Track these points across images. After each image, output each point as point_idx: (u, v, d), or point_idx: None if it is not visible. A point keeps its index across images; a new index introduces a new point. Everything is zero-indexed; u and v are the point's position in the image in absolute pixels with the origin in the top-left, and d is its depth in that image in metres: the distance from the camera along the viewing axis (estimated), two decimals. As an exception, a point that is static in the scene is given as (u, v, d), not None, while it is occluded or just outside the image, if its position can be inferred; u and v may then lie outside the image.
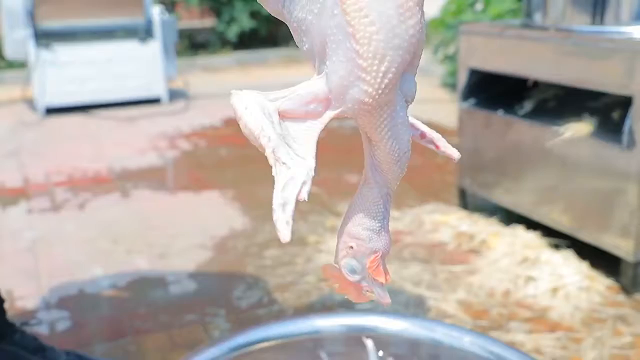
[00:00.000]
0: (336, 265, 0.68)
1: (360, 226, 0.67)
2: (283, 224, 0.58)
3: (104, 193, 2.81)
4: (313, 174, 0.61)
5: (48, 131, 3.97)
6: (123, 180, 2.98)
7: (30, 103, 4.59)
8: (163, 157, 3.37)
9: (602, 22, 1.89)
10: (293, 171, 0.60)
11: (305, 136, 0.63)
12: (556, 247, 2.02)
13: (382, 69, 0.60)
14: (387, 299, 0.67)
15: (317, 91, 0.63)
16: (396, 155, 0.65)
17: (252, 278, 1.97)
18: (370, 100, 0.61)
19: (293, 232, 0.57)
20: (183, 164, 3.29)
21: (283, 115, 0.63)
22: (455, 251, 2.11)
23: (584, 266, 1.90)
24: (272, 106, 0.63)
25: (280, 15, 0.63)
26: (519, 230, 2.13)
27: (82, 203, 2.69)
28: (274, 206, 0.59)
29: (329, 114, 0.63)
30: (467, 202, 2.41)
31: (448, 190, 2.62)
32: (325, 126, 0.63)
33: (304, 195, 0.60)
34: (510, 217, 2.25)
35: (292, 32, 0.64)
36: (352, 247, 0.67)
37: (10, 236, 2.37)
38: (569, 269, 1.89)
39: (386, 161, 0.65)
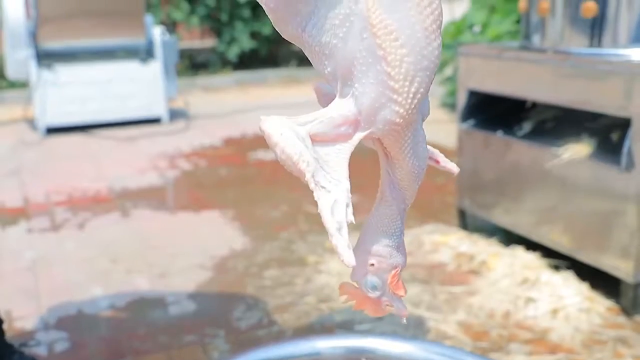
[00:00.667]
0: (353, 283, 0.69)
1: (380, 244, 0.68)
2: (345, 248, 0.59)
3: (104, 212, 2.81)
4: (350, 195, 0.61)
5: (48, 151, 3.98)
6: (123, 200, 2.98)
7: (31, 123, 4.60)
8: (163, 176, 3.38)
9: (599, 45, 1.91)
10: (334, 194, 0.61)
11: (337, 159, 0.63)
12: (556, 268, 2.02)
13: (413, 89, 0.62)
14: (405, 311, 0.68)
15: (347, 113, 0.64)
16: (416, 172, 0.67)
17: (252, 299, 1.97)
18: (401, 120, 0.63)
19: (292, 252, 0.58)
20: (183, 184, 3.30)
21: (313, 139, 0.64)
22: (455, 272, 2.11)
23: (584, 287, 1.90)
24: (304, 130, 0.63)
25: (298, 39, 0.64)
26: (519, 251, 2.13)
27: (82, 223, 2.69)
28: (330, 231, 0.60)
29: (359, 136, 0.64)
30: (466, 222, 2.41)
31: (448, 211, 2.62)
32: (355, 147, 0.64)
33: (350, 217, 0.60)
34: (509, 238, 2.25)
35: (310, 56, 0.65)
36: (373, 265, 0.68)
37: (10, 256, 2.37)
38: (569, 290, 1.89)
39: (407, 178, 0.67)
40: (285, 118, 0.64)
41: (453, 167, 0.73)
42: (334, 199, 0.61)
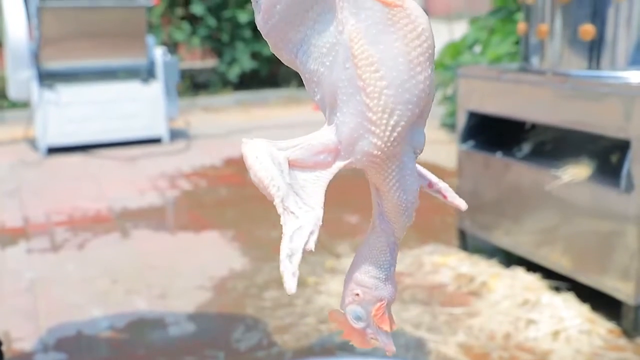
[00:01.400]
0: (342, 311, 0.69)
1: (367, 274, 0.68)
2: (289, 276, 0.59)
3: (104, 233, 2.81)
4: (321, 223, 0.61)
5: (49, 171, 3.99)
6: (123, 220, 2.98)
7: (32, 143, 4.62)
8: (163, 196, 3.38)
9: (598, 67, 1.92)
10: (301, 221, 0.61)
11: (314, 186, 0.64)
12: (557, 289, 2.02)
13: (392, 122, 0.61)
14: (391, 347, 0.67)
15: (327, 142, 0.64)
16: (404, 206, 0.66)
17: (252, 320, 1.96)
18: (379, 152, 0.62)
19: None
20: (183, 204, 3.30)
21: (293, 164, 0.64)
22: (455, 293, 2.10)
23: (584, 309, 1.89)
24: (282, 155, 0.64)
25: (294, 64, 0.65)
26: (519, 272, 2.13)
27: (82, 243, 2.69)
28: (281, 257, 0.59)
29: (338, 165, 0.64)
30: (467, 243, 2.41)
31: (448, 232, 2.62)
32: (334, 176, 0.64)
33: (311, 246, 0.60)
34: (510, 259, 2.25)
35: (304, 82, 0.66)
36: (358, 295, 0.67)
37: (10, 276, 2.37)
38: (570, 311, 1.88)
39: (394, 211, 0.66)
40: (266, 142, 0.64)
41: (461, 204, 0.72)
42: (299, 225, 0.61)
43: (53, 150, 4.40)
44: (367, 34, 0.61)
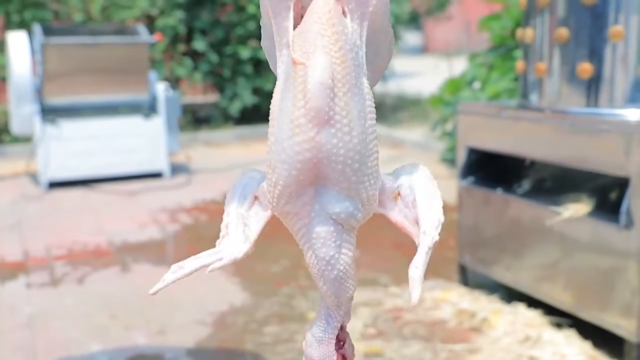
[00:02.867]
0: None
1: (310, 329, 0.70)
2: (162, 282, 0.68)
3: (104, 267, 2.80)
4: (240, 256, 0.66)
5: (50, 205, 3.99)
6: (123, 254, 2.98)
7: (33, 177, 4.63)
8: (164, 231, 3.38)
9: (596, 105, 1.94)
10: (222, 246, 0.67)
11: (255, 221, 0.69)
12: (558, 326, 2.01)
13: (273, 179, 0.62)
14: None
15: (262, 187, 0.69)
16: (316, 269, 0.65)
17: (252, 356, 1.95)
18: (271, 207, 0.65)
19: (292, 308, 0.60)
20: (183, 238, 3.29)
21: (257, 198, 0.69)
22: (456, 329, 2.09)
23: (587, 346, 1.88)
24: (256, 188, 0.69)
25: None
26: (521, 308, 2.12)
27: (82, 277, 2.68)
28: (172, 268, 0.69)
29: (266, 213, 0.69)
30: (467, 278, 2.40)
31: (448, 267, 2.62)
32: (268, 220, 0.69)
33: (214, 266, 0.66)
34: (511, 295, 2.24)
35: None
36: (303, 345, 0.71)
37: (8, 311, 2.35)
38: (572, 348, 1.87)
39: (312, 273, 0.66)
40: (258, 174, 0.69)
41: (413, 297, 0.65)
42: (218, 249, 0.66)
43: (54, 185, 4.41)
44: (279, 81, 0.62)
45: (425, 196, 0.65)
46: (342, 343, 0.70)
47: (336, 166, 0.60)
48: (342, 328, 0.70)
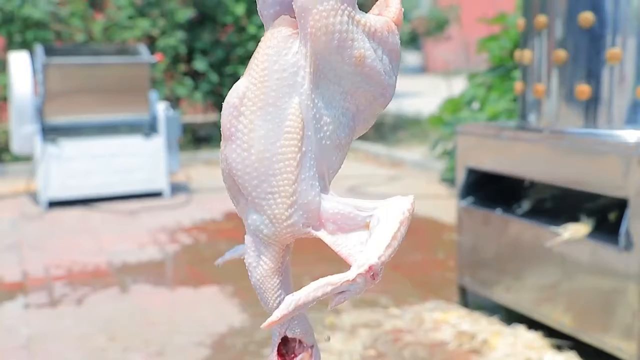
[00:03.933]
0: None
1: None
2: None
3: (103, 288, 2.79)
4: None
5: (49, 224, 3.99)
6: (122, 275, 2.97)
7: (33, 196, 4.63)
8: (163, 251, 3.38)
9: (594, 125, 1.95)
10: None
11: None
12: (559, 348, 2.00)
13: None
14: None
15: None
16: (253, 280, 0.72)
17: (250, 378, 1.93)
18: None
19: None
20: (183, 258, 3.29)
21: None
22: (456, 351, 2.08)
23: (587, 368, 1.87)
24: None
25: None
26: (521, 330, 2.11)
27: (81, 298, 2.67)
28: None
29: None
30: (467, 299, 2.40)
31: (448, 288, 2.61)
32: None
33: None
34: (511, 316, 2.23)
35: None
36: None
37: (6, 333, 2.34)
38: (573, 371, 1.86)
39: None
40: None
41: (269, 319, 0.65)
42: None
43: (54, 204, 4.41)
44: (257, 114, 0.67)
45: (379, 233, 0.64)
46: (292, 356, 0.70)
47: (237, 180, 0.66)
48: (299, 342, 0.71)
